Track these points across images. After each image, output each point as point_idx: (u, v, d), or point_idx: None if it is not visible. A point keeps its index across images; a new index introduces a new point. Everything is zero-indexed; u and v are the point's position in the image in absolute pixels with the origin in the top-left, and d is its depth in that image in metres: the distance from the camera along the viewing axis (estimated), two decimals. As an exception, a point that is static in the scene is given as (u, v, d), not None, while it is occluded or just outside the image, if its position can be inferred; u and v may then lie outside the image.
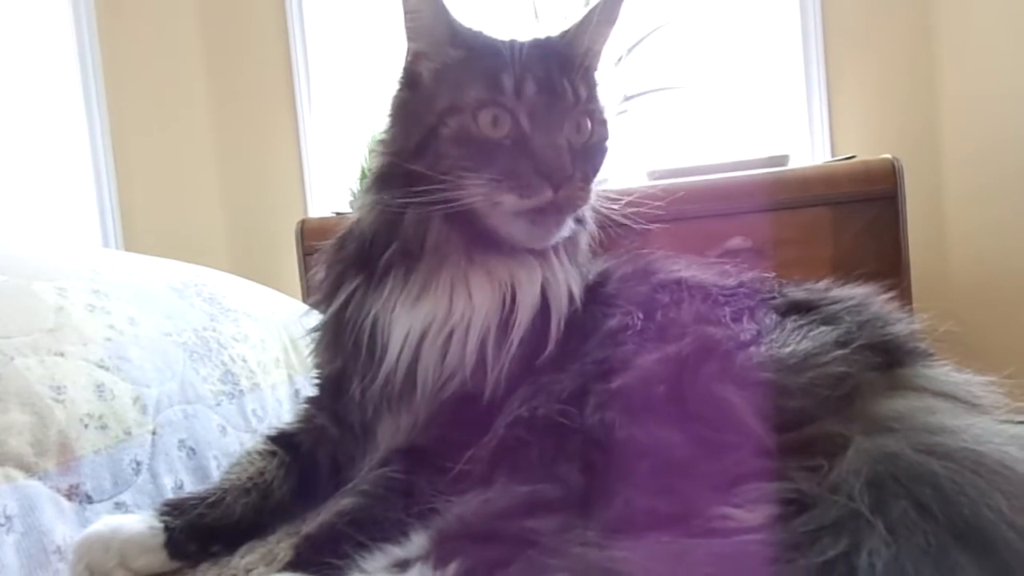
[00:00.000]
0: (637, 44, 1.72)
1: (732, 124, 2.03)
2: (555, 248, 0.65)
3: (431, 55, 0.65)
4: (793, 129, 2.01)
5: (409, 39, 0.66)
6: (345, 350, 0.65)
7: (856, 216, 1.53)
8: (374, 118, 1.89)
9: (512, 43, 0.64)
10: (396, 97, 0.68)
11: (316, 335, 0.72)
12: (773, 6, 2.02)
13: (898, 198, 1.49)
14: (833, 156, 1.92)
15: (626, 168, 1.79)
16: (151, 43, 2.34)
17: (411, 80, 0.67)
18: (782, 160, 1.66)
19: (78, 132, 2.23)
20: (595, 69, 0.68)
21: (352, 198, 1.89)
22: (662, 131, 2.01)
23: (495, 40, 0.65)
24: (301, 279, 1.74)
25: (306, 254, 1.73)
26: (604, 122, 0.67)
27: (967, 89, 1.86)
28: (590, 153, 0.64)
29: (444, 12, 0.64)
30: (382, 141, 0.69)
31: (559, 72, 0.62)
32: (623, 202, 0.67)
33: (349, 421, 0.67)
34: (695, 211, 1.53)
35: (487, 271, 0.62)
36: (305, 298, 1.50)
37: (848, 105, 1.98)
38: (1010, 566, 0.36)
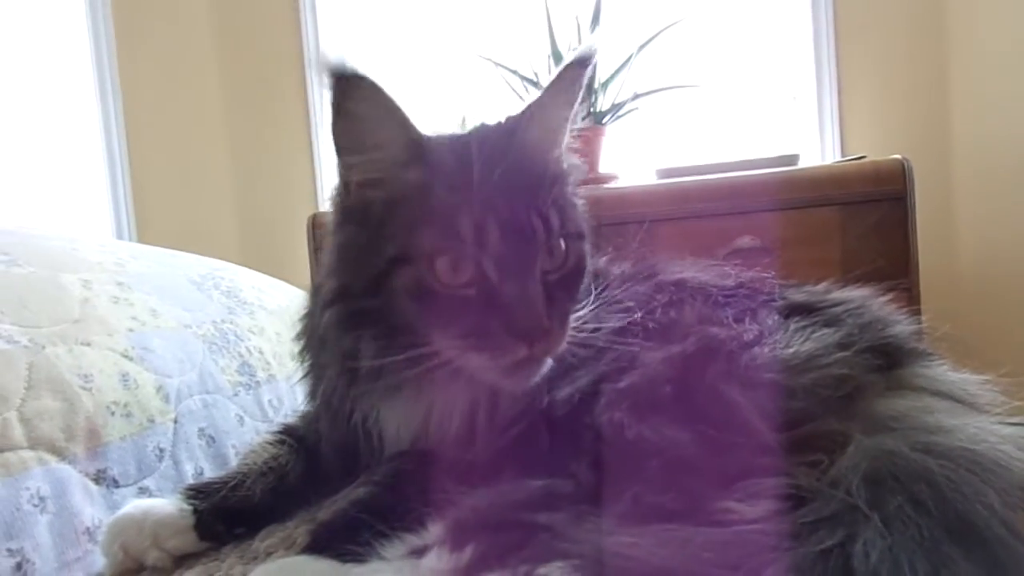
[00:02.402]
0: (648, 42, 1.73)
1: (742, 123, 2.04)
2: None
3: (382, 182, 0.55)
4: (803, 129, 2.02)
5: (349, 163, 0.56)
6: (343, 431, 0.63)
7: (865, 216, 1.53)
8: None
9: (469, 156, 0.54)
10: (336, 231, 0.59)
11: (312, 407, 0.71)
12: (785, 5, 2.02)
13: (907, 199, 1.50)
14: (843, 156, 1.93)
15: (635, 166, 1.81)
16: (165, 39, 2.37)
17: (352, 213, 0.57)
18: (792, 160, 1.67)
19: (92, 125, 2.26)
20: (562, 165, 0.60)
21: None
22: (672, 129, 2.02)
23: (453, 150, 0.55)
24: (312, 272, 1.77)
25: (317, 248, 1.76)
26: (582, 236, 0.58)
27: (978, 90, 1.86)
28: (566, 283, 0.56)
29: (406, 122, 0.54)
30: (323, 263, 0.61)
31: (526, 200, 0.53)
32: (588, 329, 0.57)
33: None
34: (704, 210, 1.55)
35: (468, 381, 0.56)
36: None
37: (859, 105, 1.99)
38: (1000, 559, 0.38)
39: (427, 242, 0.52)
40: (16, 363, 0.62)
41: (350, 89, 0.51)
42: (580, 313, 0.57)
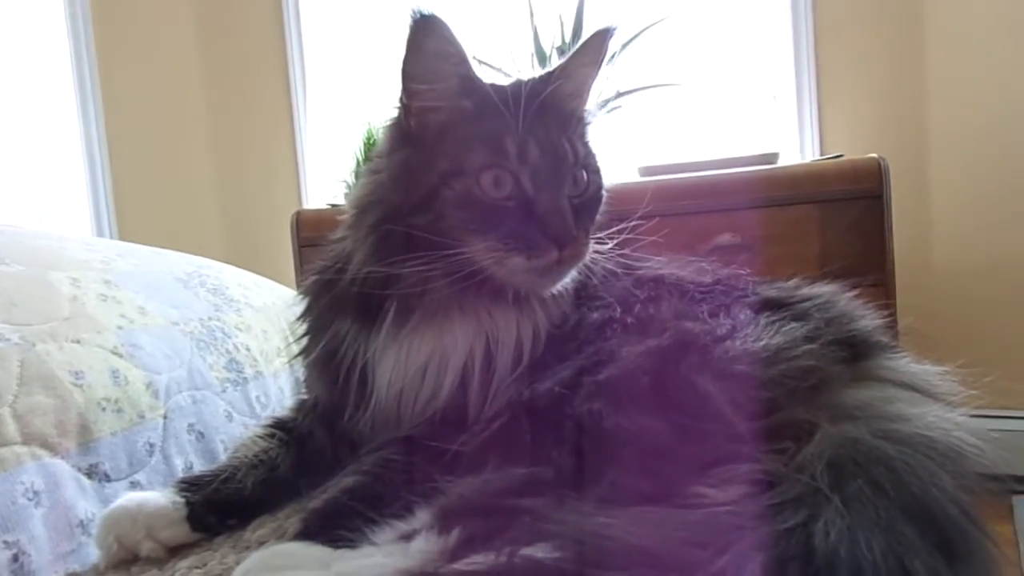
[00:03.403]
0: (630, 41, 1.76)
1: (723, 122, 2.08)
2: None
3: (440, 108, 0.64)
4: (783, 128, 2.05)
5: (414, 91, 0.64)
6: (336, 386, 0.67)
7: (843, 214, 1.57)
8: (369, 110, 1.93)
9: (513, 94, 0.63)
10: (393, 153, 0.66)
11: (307, 365, 0.74)
12: (765, 5, 2.06)
13: (883, 197, 1.54)
14: (822, 155, 1.97)
15: (617, 164, 1.83)
16: (146, 35, 2.35)
17: (410, 137, 0.65)
18: (772, 158, 1.70)
19: (72, 123, 2.24)
20: (585, 116, 0.70)
21: (347, 190, 1.92)
22: (653, 128, 2.05)
23: (499, 90, 0.64)
24: (296, 270, 1.78)
25: (301, 246, 1.76)
26: (598, 171, 0.69)
27: (955, 90, 1.90)
28: (587, 206, 0.66)
29: (465, 60, 0.63)
30: (375, 183, 0.68)
31: (558, 131, 0.64)
32: (609, 246, 0.67)
33: (339, 431, 0.70)
34: (685, 207, 1.58)
35: (475, 317, 0.64)
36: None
37: (837, 104, 2.03)
38: (951, 537, 0.40)
39: (476, 158, 0.61)
40: (8, 360, 0.63)
41: (425, 27, 0.60)
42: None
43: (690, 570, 0.36)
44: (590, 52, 0.68)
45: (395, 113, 0.67)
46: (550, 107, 0.64)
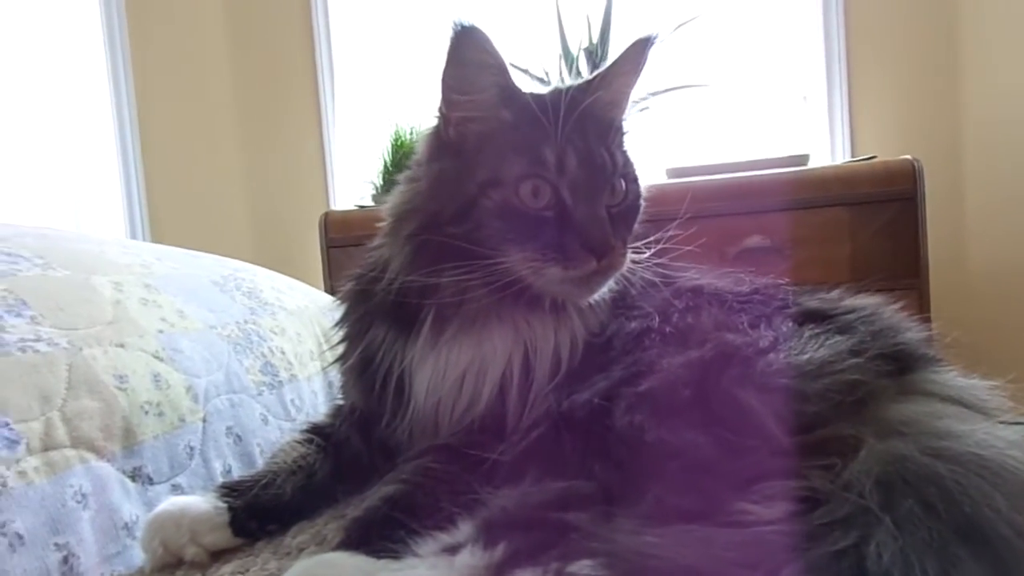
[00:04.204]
0: (659, 41, 1.74)
1: (752, 123, 2.05)
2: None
3: (479, 118, 0.64)
4: (814, 129, 2.02)
5: (453, 102, 0.64)
6: (372, 393, 0.68)
7: (874, 217, 1.54)
8: (398, 112, 1.94)
9: (552, 104, 0.63)
10: (431, 162, 0.67)
11: (344, 371, 0.75)
12: (796, 5, 2.03)
13: (917, 199, 1.51)
14: (853, 156, 1.94)
15: (645, 166, 1.82)
16: (178, 38, 2.39)
17: (449, 146, 0.65)
18: (802, 160, 1.68)
19: (106, 125, 2.28)
20: (623, 124, 0.70)
21: (375, 191, 1.93)
22: (682, 129, 2.03)
23: (538, 100, 0.64)
24: (324, 271, 1.79)
25: (329, 247, 1.78)
26: (636, 180, 0.69)
27: (989, 91, 1.86)
28: (625, 215, 0.66)
29: (504, 70, 0.63)
30: (413, 192, 0.68)
31: (597, 141, 0.64)
32: (647, 255, 0.67)
33: (376, 438, 0.71)
34: (714, 209, 1.56)
35: (513, 326, 0.64)
36: (328, 290, 1.54)
37: (869, 106, 1.99)
38: (1005, 560, 0.39)
39: (515, 169, 0.61)
40: (57, 365, 0.65)
41: (466, 38, 0.61)
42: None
43: (741, 592, 0.36)
44: (630, 61, 0.68)
45: (434, 122, 0.67)
46: (589, 116, 0.64)
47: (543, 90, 0.67)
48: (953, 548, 0.39)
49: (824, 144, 2.01)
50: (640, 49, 0.67)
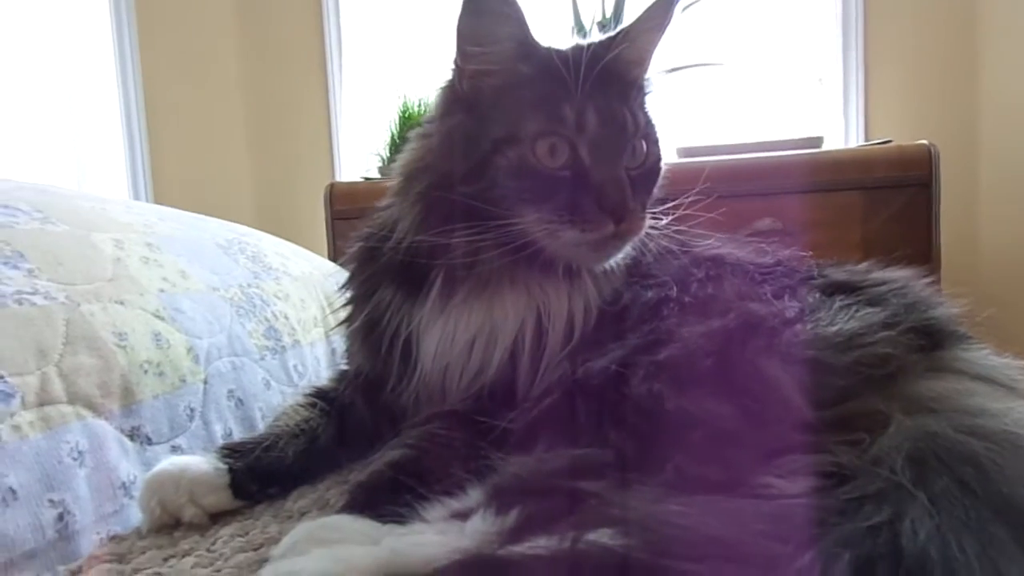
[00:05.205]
0: (673, 19, 1.70)
1: (766, 104, 2.02)
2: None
3: (496, 72, 0.61)
4: (828, 111, 1.99)
5: (468, 54, 0.61)
6: (378, 356, 0.66)
7: (888, 201, 1.52)
8: (405, 83, 1.90)
9: (573, 59, 0.59)
10: (444, 118, 0.64)
11: (350, 334, 0.72)
12: (815, -16, 1.99)
13: (932, 185, 1.48)
14: (868, 140, 1.90)
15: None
16: (185, 6, 2.35)
17: (463, 101, 0.62)
18: (816, 142, 1.65)
19: (110, 89, 2.25)
20: (646, 84, 0.67)
21: (381, 164, 1.90)
22: (695, 108, 2.00)
23: (559, 55, 0.61)
24: (329, 242, 1.77)
25: (334, 218, 1.75)
26: (657, 142, 0.66)
27: (1007, 77, 1.83)
28: (645, 178, 0.63)
29: (523, 22, 0.60)
30: (424, 149, 0.65)
31: (618, 99, 0.61)
32: (665, 222, 0.65)
33: (381, 403, 0.69)
34: (725, 190, 1.52)
35: (526, 291, 0.62)
36: (333, 260, 1.52)
37: (885, 89, 1.96)
38: (1045, 542, 0.38)
39: (532, 125, 0.58)
40: (54, 319, 0.63)
41: None
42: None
43: (771, 565, 0.34)
44: (655, 17, 0.64)
45: (448, 76, 0.64)
46: (611, 74, 0.61)
47: (563, 45, 0.64)
48: (991, 527, 0.37)
49: (838, 127, 1.98)
50: (665, 6, 0.64)
